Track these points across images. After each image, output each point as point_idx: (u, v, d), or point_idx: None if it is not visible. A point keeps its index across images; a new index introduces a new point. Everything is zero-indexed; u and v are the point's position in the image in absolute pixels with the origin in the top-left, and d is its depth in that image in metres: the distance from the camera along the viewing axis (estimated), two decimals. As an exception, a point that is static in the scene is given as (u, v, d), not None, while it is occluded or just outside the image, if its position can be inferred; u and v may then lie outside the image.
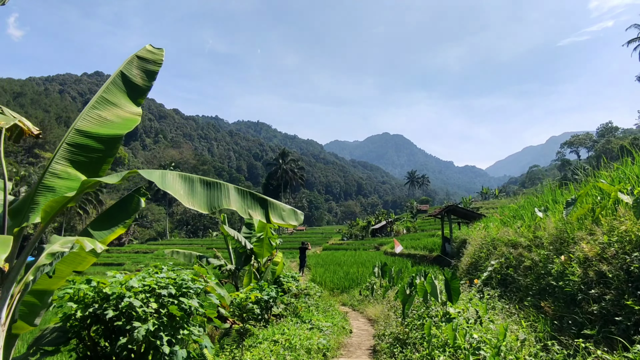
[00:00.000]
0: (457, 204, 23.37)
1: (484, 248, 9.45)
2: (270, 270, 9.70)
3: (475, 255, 9.99)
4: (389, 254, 30.53)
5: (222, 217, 12.26)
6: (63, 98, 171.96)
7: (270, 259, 12.32)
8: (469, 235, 14.74)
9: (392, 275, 11.31)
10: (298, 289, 9.48)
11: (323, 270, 19.80)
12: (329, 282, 17.04)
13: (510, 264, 7.37)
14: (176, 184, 3.80)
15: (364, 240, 54.49)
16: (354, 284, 16.25)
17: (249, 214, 4.09)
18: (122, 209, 4.50)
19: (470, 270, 9.80)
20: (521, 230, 8.06)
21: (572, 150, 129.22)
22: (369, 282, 13.88)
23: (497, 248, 8.59)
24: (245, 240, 11.43)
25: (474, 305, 5.77)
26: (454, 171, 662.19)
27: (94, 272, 49.53)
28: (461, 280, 9.59)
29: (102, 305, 3.81)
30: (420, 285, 6.05)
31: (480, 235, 10.88)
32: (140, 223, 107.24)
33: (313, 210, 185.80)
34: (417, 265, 18.59)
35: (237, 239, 11.27)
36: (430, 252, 23.66)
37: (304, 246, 23.43)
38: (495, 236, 9.17)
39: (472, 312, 5.46)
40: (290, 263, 30.41)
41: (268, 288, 7.31)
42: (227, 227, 11.44)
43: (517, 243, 7.68)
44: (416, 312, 6.48)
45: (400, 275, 10.96)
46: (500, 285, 7.27)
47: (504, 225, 9.86)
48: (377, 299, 11.80)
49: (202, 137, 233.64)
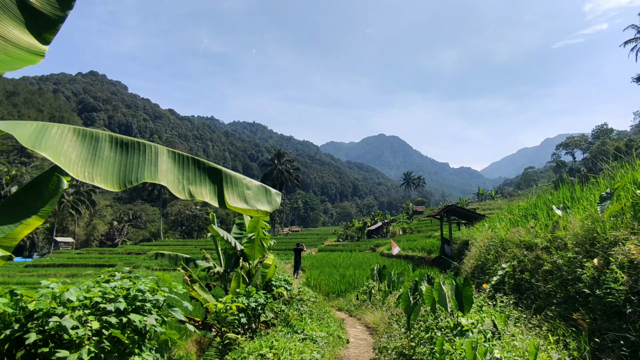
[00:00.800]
0: (456, 205, 22.61)
1: (491, 250, 8.72)
2: (260, 273, 8.92)
3: (481, 258, 9.26)
4: (385, 255, 29.84)
5: (211, 216, 11.56)
6: (57, 97, 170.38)
7: (261, 261, 11.60)
8: (471, 236, 14.05)
9: (392, 279, 10.57)
10: (290, 295, 8.72)
11: (318, 273, 18.92)
12: (324, 286, 16.23)
13: (525, 268, 6.64)
14: (64, 142, 2.51)
15: (360, 242, 53.98)
16: (351, 287, 15.42)
17: (190, 193, 2.86)
18: (34, 192, 2.96)
19: (476, 273, 9.07)
20: (535, 230, 7.33)
21: (568, 151, 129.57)
22: (367, 286, 13.12)
23: (507, 250, 7.87)
24: (235, 241, 10.70)
25: (489, 315, 5.03)
26: (450, 173, 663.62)
27: (84, 273, 48.57)
28: (466, 285, 8.91)
29: (26, 325, 2.84)
30: (428, 292, 5.31)
31: (486, 235, 10.15)
32: (134, 224, 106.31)
33: (309, 212, 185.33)
34: (417, 268, 17.85)
35: (226, 239, 10.54)
36: (429, 253, 22.91)
37: (299, 247, 22.63)
38: (504, 237, 8.44)
39: (488, 324, 4.72)
40: (285, 265, 29.66)
41: (256, 294, 6.55)
42: (217, 227, 10.69)
43: (532, 244, 6.96)
44: (423, 323, 5.71)
45: (401, 279, 10.21)
46: (514, 291, 6.53)
47: (513, 225, 9.13)
48: (376, 304, 11.09)
49: (197, 137, 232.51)
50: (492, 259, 8.36)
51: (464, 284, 4.99)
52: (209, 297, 7.94)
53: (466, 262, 11.15)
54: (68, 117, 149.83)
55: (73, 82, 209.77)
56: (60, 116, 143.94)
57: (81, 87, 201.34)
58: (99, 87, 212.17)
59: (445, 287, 5.21)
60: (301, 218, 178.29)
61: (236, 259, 11.14)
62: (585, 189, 7.81)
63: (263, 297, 6.46)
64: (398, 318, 7.54)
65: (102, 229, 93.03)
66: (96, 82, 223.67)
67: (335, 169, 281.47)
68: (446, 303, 5.06)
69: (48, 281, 3.26)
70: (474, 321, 4.77)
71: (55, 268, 52.28)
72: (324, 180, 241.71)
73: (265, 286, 9.91)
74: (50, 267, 53.32)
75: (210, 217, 11.40)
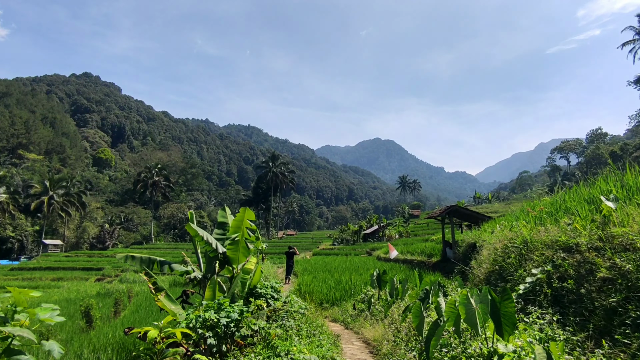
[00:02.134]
0: (458, 205, 21.27)
1: (511, 252, 7.46)
2: (239, 280, 7.59)
3: (497, 262, 7.99)
4: (382, 259, 28.59)
5: (189, 215, 10.24)
6: (50, 99, 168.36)
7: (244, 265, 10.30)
8: (480, 237, 12.77)
9: (395, 286, 9.17)
10: (271, 310, 7.35)
11: (311, 278, 17.52)
12: (317, 293, 14.73)
13: (564, 274, 5.38)
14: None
15: (356, 245, 52.83)
16: (347, 295, 13.98)
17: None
18: None
19: (492, 280, 7.80)
20: (575, 227, 6.07)
21: (562, 156, 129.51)
22: (365, 294, 11.81)
23: (533, 252, 6.62)
24: (216, 242, 9.37)
25: (533, 338, 3.76)
26: (445, 177, 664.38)
27: (72, 277, 47.17)
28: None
29: None
30: (450, 307, 4.06)
31: (500, 237, 8.89)
32: (125, 226, 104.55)
33: (304, 215, 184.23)
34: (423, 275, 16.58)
35: (206, 240, 9.20)
36: (429, 257, 21.60)
37: (291, 251, 21.31)
38: (528, 237, 7.18)
39: (540, 355, 3.42)
40: (278, 269, 28.38)
41: (230, 307, 5.25)
42: (195, 227, 9.32)
43: (572, 245, 5.69)
44: (446, 351, 4.38)
45: (406, 286, 8.86)
46: (553, 303, 5.26)
47: (539, 223, 7.87)
48: (376, 315, 9.75)
49: (191, 140, 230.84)
50: (514, 263, 7.09)
51: (502, 297, 3.71)
52: (176, 309, 6.62)
53: (476, 267, 9.91)
54: (61, 118, 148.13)
55: (66, 83, 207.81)
56: (52, 117, 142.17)
57: (74, 89, 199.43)
58: (93, 89, 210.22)
59: (474, 301, 3.93)
60: (296, 222, 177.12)
61: (218, 262, 9.89)
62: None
63: (238, 310, 5.17)
64: (407, 338, 6.22)
65: (92, 232, 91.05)
66: (90, 83, 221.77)
67: (330, 172, 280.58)
68: (476, 322, 3.79)
69: None
70: (517, 348, 3.49)
71: (41, 271, 50.80)
72: (319, 183, 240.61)
73: (249, 294, 8.60)
74: (37, 270, 51.86)
75: (189, 215, 10.08)
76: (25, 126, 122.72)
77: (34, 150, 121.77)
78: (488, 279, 8.09)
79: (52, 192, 78.92)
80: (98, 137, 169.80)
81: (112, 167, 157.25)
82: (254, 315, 5.81)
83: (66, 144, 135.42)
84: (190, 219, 10.04)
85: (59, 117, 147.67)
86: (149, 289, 16.94)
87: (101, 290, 25.01)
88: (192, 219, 10.00)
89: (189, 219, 10.04)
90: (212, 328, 4.93)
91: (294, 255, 21.45)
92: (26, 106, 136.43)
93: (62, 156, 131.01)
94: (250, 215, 9.46)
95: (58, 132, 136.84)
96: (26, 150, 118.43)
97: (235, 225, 9.45)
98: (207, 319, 4.93)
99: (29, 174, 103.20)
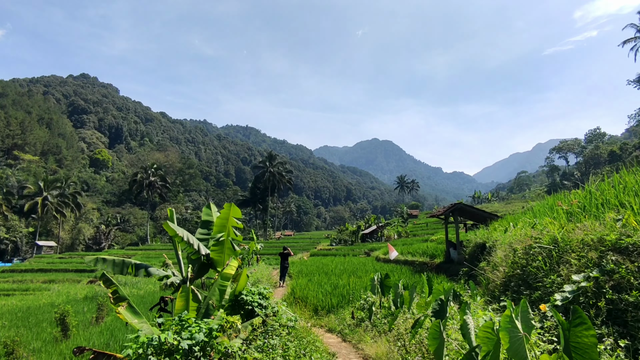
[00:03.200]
0: (464, 203, 19.89)
1: (537, 254, 6.35)
2: (217, 287, 6.44)
3: (518, 265, 6.87)
4: (381, 260, 27.46)
5: (169, 212, 9.09)
6: (47, 99, 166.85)
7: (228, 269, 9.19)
8: (489, 237, 11.65)
9: (399, 292, 7.92)
10: (248, 334, 6.17)
11: (306, 282, 16.31)
12: (312, 298, 13.36)
13: (621, 283, 4.29)
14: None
15: (354, 246, 51.78)
16: (344, 301, 12.64)
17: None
18: None
19: (513, 286, 6.69)
20: (625, 223, 4.97)
21: (561, 156, 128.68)
22: (364, 300, 10.58)
23: (568, 253, 5.51)
24: (198, 243, 8.22)
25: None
26: (443, 177, 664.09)
27: (64, 279, 45.95)
28: (499, 302, 6.50)
29: None
30: (486, 331, 2.96)
31: (522, 235, 7.77)
32: (122, 227, 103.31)
33: (302, 215, 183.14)
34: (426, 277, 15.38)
35: (187, 240, 8.05)
36: (432, 258, 20.37)
37: (285, 252, 20.13)
38: (559, 236, 6.07)
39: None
40: (273, 271, 27.25)
41: (195, 324, 4.12)
42: (174, 225, 8.14)
43: (627, 245, 4.60)
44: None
45: (414, 293, 7.64)
46: (610, 320, 4.14)
47: (571, 219, 6.76)
48: (378, 326, 8.63)
49: (189, 140, 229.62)
50: (543, 266, 5.97)
51: (573, 322, 2.57)
52: (139, 323, 5.49)
53: (489, 270, 8.80)
54: (57, 119, 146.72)
55: (64, 84, 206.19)
56: (49, 118, 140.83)
57: (72, 90, 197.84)
58: (90, 90, 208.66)
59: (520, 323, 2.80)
60: (294, 222, 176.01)
61: (201, 266, 8.78)
62: None
63: (206, 329, 4.03)
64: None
65: (88, 233, 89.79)
66: (87, 84, 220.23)
67: (328, 173, 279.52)
68: (525, 356, 2.67)
69: None
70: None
71: (33, 273, 49.67)
72: (317, 184, 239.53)
73: (233, 303, 7.46)
74: (28, 272, 50.78)
75: (168, 213, 8.95)
76: (21, 127, 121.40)
77: (30, 151, 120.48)
78: (506, 285, 6.98)
79: (47, 193, 77.68)
80: (95, 138, 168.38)
81: (110, 168, 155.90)
82: (229, 334, 4.69)
83: (62, 145, 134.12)
84: (170, 217, 8.94)
85: (56, 117, 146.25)
86: (138, 292, 15.63)
87: (89, 293, 23.88)
88: (171, 217, 8.89)
89: (169, 217, 8.95)
90: (170, 354, 3.80)
91: (289, 257, 20.28)
92: (22, 107, 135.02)
93: (58, 157, 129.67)
94: (236, 212, 8.33)
95: (54, 133, 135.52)
96: (22, 151, 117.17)
97: (219, 223, 8.35)
98: (162, 342, 3.81)
99: (24, 175, 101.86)
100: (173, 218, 8.85)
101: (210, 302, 6.07)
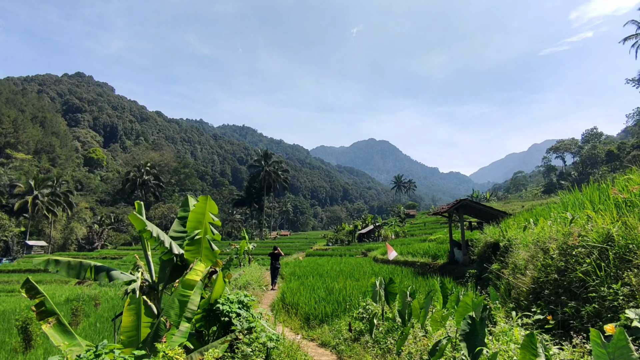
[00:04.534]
0: (470, 199, 18.45)
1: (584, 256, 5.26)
2: (176, 298, 5.40)
3: (553, 269, 5.79)
4: (379, 261, 26.53)
5: (136, 205, 8.06)
6: (41, 98, 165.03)
7: (211, 272, 8.37)
8: (503, 236, 10.55)
9: (407, 301, 6.57)
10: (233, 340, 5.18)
11: (298, 285, 14.81)
12: (303, 305, 11.84)
13: None
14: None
15: (350, 246, 50.90)
16: (340, 308, 11.13)
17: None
18: None
19: (548, 295, 5.59)
20: None
21: (558, 155, 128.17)
22: (364, 308, 9.18)
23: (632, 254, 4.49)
24: (170, 241, 7.21)
25: None
26: (439, 177, 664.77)
27: (51, 279, 44.78)
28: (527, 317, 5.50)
29: None
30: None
31: (555, 231, 6.72)
32: (115, 227, 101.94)
33: (298, 215, 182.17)
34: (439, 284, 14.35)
35: (157, 237, 7.03)
36: (434, 259, 19.36)
37: (276, 252, 19.06)
38: (615, 232, 5.04)
39: None
40: (266, 272, 26.20)
41: (110, 355, 3.03)
42: (142, 218, 7.10)
43: None
44: None
45: (430, 304, 6.18)
46: None
47: (620, 213, 5.69)
48: (381, 343, 7.45)
49: (185, 140, 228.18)
50: (596, 271, 4.90)
51: None
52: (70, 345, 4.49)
53: (507, 273, 7.87)
54: (51, 117, 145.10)
55: (58, 83, 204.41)
56: (42, 116, 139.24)
57: (67, 88, 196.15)
58: (85, 89, 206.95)
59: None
60: (291, 222, 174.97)
61: (173, 268, 7.73)
62: None
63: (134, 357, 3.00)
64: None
65: (80, 233, 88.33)
66: (82, 83, 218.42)
67: (325, 173, 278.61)
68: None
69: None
70: None
71: (21, 274, 48.54)
72: (314, 184, 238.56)
73: (207, 314, 6.44)
74: (15, 272, 49.74)
75: (136, 206, 7.92)
76: (14, 125, 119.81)
77: (23, 149, 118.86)
78: (536, 293, 5.95)
79: (37, 192, 76.32)
80: (90, 137, 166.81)
81: (104, 167, 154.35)
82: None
83: (56, 144, 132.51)
84: (137, 210, 7.91)
85: (49, 116, 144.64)
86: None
87: (71, 295, 22.76)
88: (139, 209, 7.86)
89: (137, 209, 7.90)
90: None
91: (280, 257, 19.20)
92: (15, 105, 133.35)
93: (52, 156, 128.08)
94: (212, 207, 7.32)
95: (48, 132, 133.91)
96: (14, 150, 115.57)
97: (194, 219, 7.32)
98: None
99: (17, 173, 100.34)
100: (141, 211, 7.82)
101: (170, 318, 5.03)
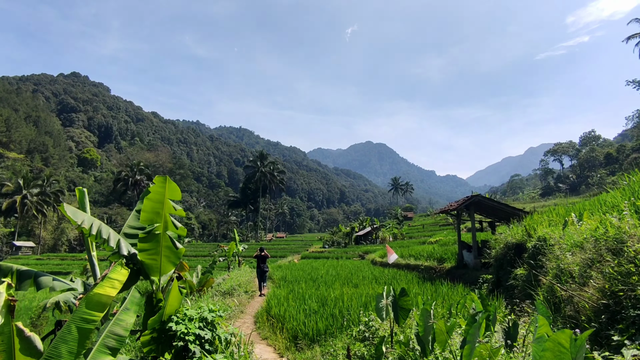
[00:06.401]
0: (482, 196, 16.46)
1: None
2: (74, 325, 3.65)
3: (637, 279, 4.25)
4: (378, 264, 24.99)
5: (77, 192, 6.53)
6: (36, 97, 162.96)
7: (173, 278, 6.86)
8: (533, 235, 8.83)
9: (430, 325, 4.30)
10: None
11: (286, 293, 12.65)
12: (290, 319, 9.68)
13: None
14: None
15: (347, 248, 49.33)
16: (336, 324, 8.92)
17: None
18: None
19: (630, 317, 4.06)
20: None
21: (556, 158, 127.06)
22: (365, 325, 7.05)
23: None
24: (118, 238, 5.67)
25: None
26: (436, 180, 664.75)
27: None
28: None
29: None
30: None
31: (631, 225, 5.21)
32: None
33: (295, 217, 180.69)
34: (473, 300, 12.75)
35: (98, 234, 5.50)
36: (440, 262, 17.62)
37: (262, 254, 17.22)
38: None
39: None
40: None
41: None
42: (74, 208, 5.57)
43: None
44: None
45: (477, 335, 3.58)
46: None
47: None
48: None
49: (181, 141, 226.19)
50: None
51: None
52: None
53: (551, 281, 6.42)
54: (45, 117, 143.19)
55: (54, 82, 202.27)
56: (36, 116, 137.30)
57: (62, 88, 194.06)
58: (80, 88, 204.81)
59: None
60: (287, 224, 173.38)
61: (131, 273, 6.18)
62: None
63: None
64: None
65: (71, 234, 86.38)
66: (78, 83, 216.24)
67: (322, 175, 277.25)
68: None
69: None
70: None
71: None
72: (310, 186, 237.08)
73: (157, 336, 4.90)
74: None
75: (77, 193, 6.39)
76: (6, 124, 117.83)
77: (15, 149, 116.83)
78: (612, 312, 4.40)
79: (26, 191, 74.41)
80: (84, 137, 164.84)
81: (98, 167, 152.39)
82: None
83: (49, 143, 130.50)
84: (79, 199, 6.38)
85: (43, 115, 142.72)
86: (40, 309, 12.96)
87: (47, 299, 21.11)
88: (80, 197, 6.32)
89: (78, 197, 6.36)
90: None
91: (267, 259, 17.38)
92: (9, 104, 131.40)
93: (45, 155, 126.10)
94: (173, 191, 5.72)
95: (41, 131, 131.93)
96: (6, 149, 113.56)
97: (150, 208, 5.68)
98: None
99: (8, 173, 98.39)
100: (84, 200, 6.24)
101: (57, 355, 3.45)
